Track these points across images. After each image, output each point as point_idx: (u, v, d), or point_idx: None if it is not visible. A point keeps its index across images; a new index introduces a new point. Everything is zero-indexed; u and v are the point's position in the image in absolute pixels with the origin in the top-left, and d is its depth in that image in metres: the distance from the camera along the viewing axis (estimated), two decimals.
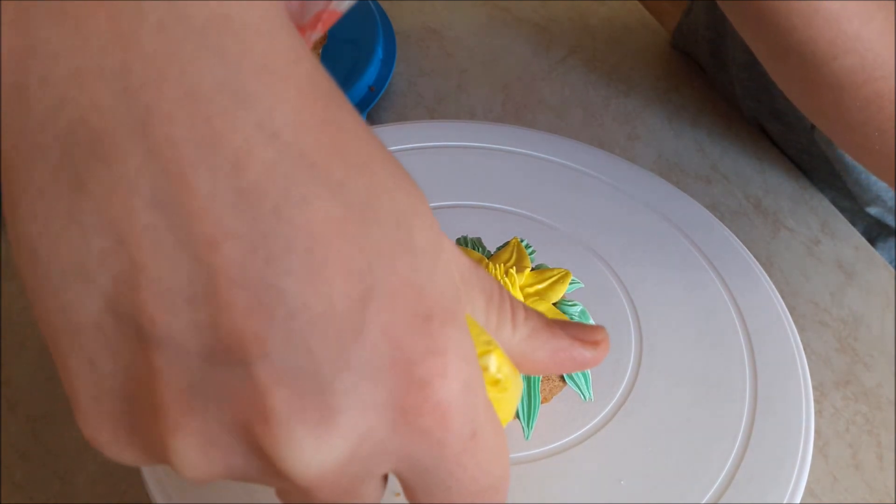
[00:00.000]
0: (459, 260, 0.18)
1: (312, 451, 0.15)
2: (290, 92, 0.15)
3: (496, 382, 0.20)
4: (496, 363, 0.19)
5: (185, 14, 0.14)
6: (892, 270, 0.51)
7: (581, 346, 0.21)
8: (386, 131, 0.44)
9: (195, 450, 0.15)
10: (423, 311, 0.16)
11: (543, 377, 0.31)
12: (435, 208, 0.41)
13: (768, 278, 0.39)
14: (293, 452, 0.15)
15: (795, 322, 0.37)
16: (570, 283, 0.32)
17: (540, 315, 0.21)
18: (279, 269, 0.14)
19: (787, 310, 0.38)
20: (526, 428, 0.29)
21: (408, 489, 0.18)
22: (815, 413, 0.33)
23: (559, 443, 0.31)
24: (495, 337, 0.20)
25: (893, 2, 0.35)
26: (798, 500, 0.30)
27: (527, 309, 0.20)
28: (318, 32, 0.25)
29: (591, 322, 0.32)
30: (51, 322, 0.15)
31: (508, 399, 0.20)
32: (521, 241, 0.33)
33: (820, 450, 0.41)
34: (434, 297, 0.16)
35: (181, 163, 0.14)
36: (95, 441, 0.16)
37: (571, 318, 0.31)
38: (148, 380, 0.15)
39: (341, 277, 0.15)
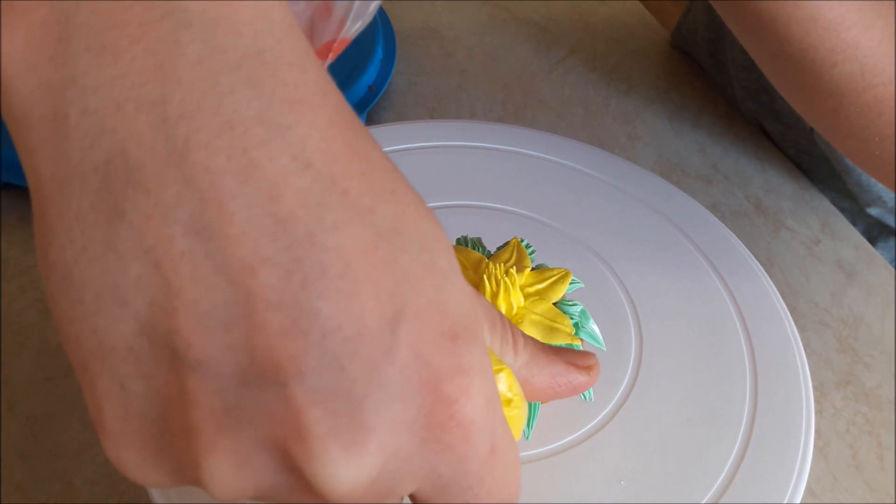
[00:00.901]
0: (466, 286, 0.18)
1: (345, 468, 0.16)
2: (321, 122, 0.16)
3: (508, 401, 0.20)
4: (506, 382, 0.20)
5: (221, 49, 0.15)
6: (893, 270, 0.51)
7: (576, 371, 0.22)
8: (386, 131, 0.44)
9: (229, 469, 0.16)
10: (449, 330, 0.16)
11: None
12: (435, 208, 0.41)
13: (768, 278, 0.39)
14: (327, 469, 0.15)
15: (795, 322, 0.37)
16: (570, 283, 0.32)
17: (536, 341, 0.22)
18: (313, 292, 0.15)
19: (787, 310, 0.38)
20: (526, 428, 0.29)
21: None
22: (816, 413, 0.33)
23: (559, 443, 0.31)
24: None
25: (893, 10, 0.35)
26: (798, 501, 0.30)
27: (524, 336, 0.21)
28: (330, 60, 0.25)
29: (592, 322, 0.32)
30: (81, 345, 0.16)
31: (518, 417, 0.21)
32: (521, 241, 0.33)
33: (820, 450, 0.41)
34: (457, 316, 0.17)
35: (218, 191, 0.15)
36: (120, 462, 0.16)
37: (571, 318, 0.31)
38: (181, 401, 0.15)
39: (373, 300, 0.15)
